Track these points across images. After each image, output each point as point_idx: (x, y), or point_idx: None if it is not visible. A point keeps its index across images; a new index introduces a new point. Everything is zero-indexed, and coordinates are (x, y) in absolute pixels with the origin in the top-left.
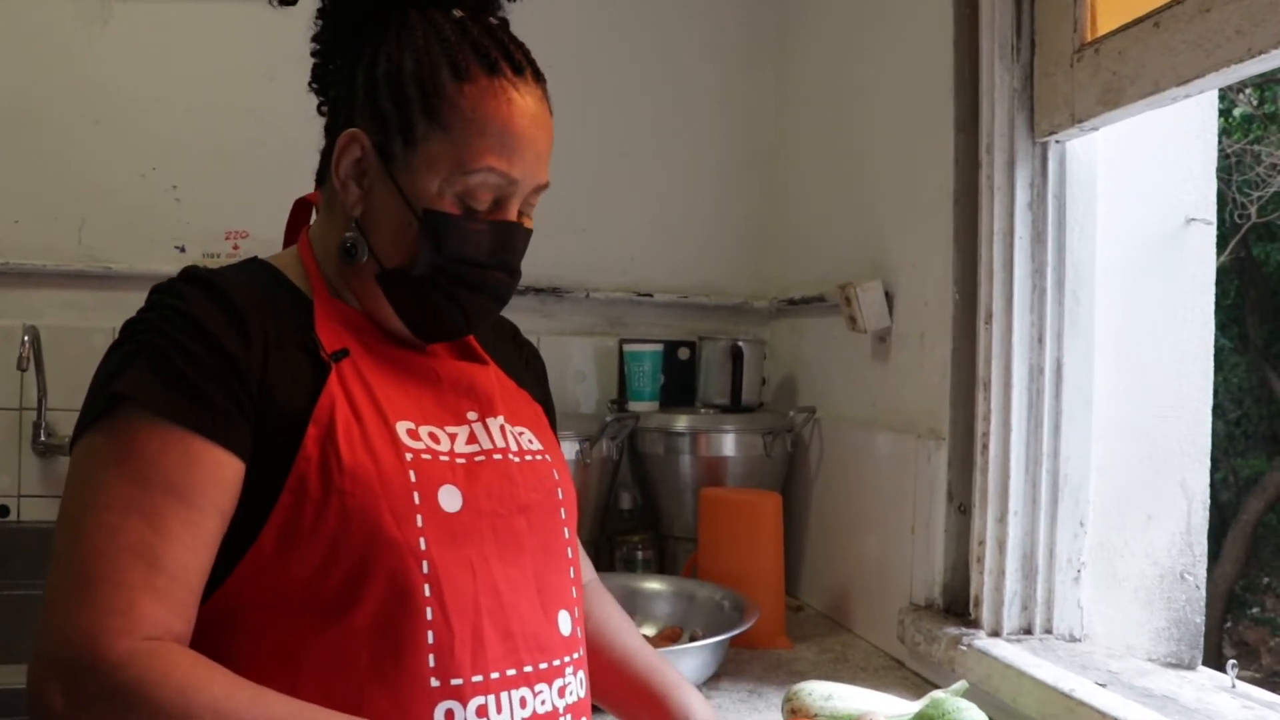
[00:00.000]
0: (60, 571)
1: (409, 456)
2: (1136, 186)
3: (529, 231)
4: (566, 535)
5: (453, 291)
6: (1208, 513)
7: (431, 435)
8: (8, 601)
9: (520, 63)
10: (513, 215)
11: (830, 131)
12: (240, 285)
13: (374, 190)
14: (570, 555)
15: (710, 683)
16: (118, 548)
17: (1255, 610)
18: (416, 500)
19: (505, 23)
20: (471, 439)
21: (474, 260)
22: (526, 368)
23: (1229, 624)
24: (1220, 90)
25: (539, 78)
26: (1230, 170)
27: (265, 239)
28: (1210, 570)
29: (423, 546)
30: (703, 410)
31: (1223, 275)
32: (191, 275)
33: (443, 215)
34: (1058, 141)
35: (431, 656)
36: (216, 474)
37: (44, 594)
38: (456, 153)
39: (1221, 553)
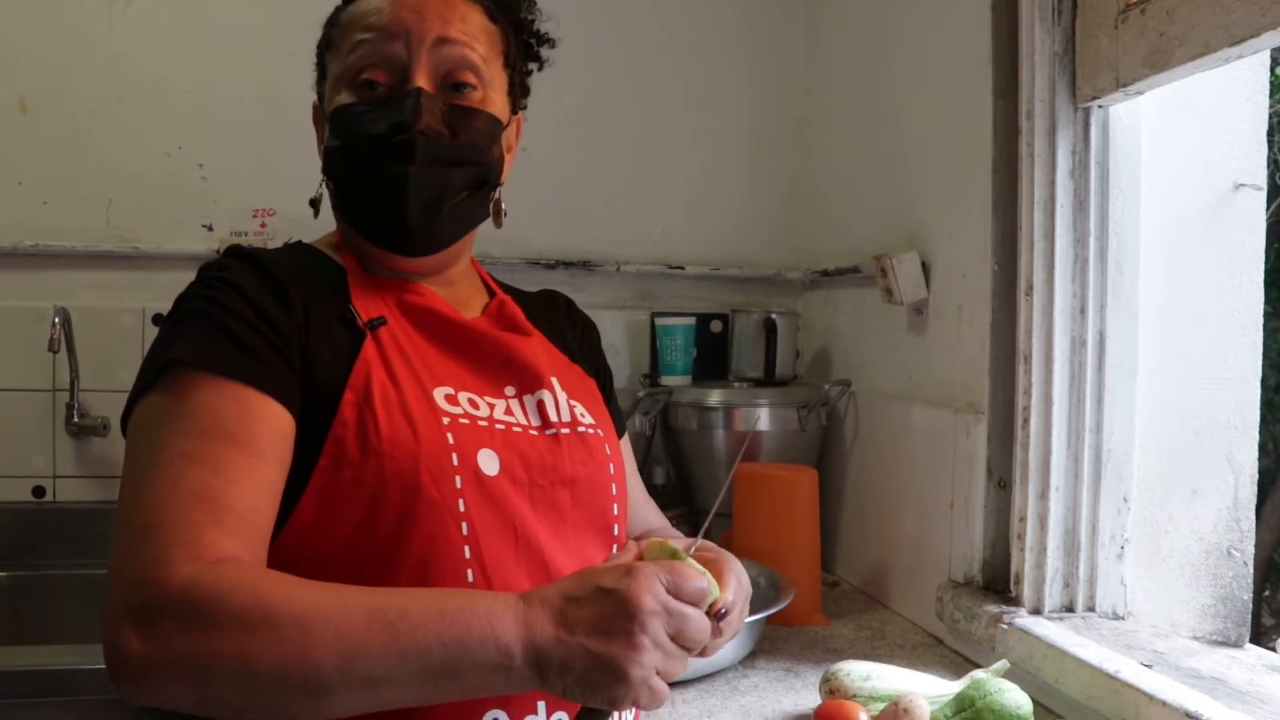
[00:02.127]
0: (123, 528)
1: (446, 420)
2: (1182, 151)
3: (459, 106)
4: (615, 511)
5: (361, 170)
6: (1255, 487)
7: (470, 401)
8: (45, 581)
9: None
10: (419, 83)
11: (863, 99)
12: (280, 260)
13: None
14: (616, 532)
15: (747, 661)
16: (180, 493)
17: None
18: (455, 461)
19: None
20: (508, 412)
21: (369, 133)
22: (582, 339)
23: (1267, 592)
24: None
25: None
26: (1272, 131)
27: (292, 216)
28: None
29: (462, 508)
30: (736, 384)
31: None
32: (234, 251)
33: (339, 107)
34: (1100, 106)
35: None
36: (274, 424)
37: (110, 560)
38: (340, 53)
39: (1260, 520)
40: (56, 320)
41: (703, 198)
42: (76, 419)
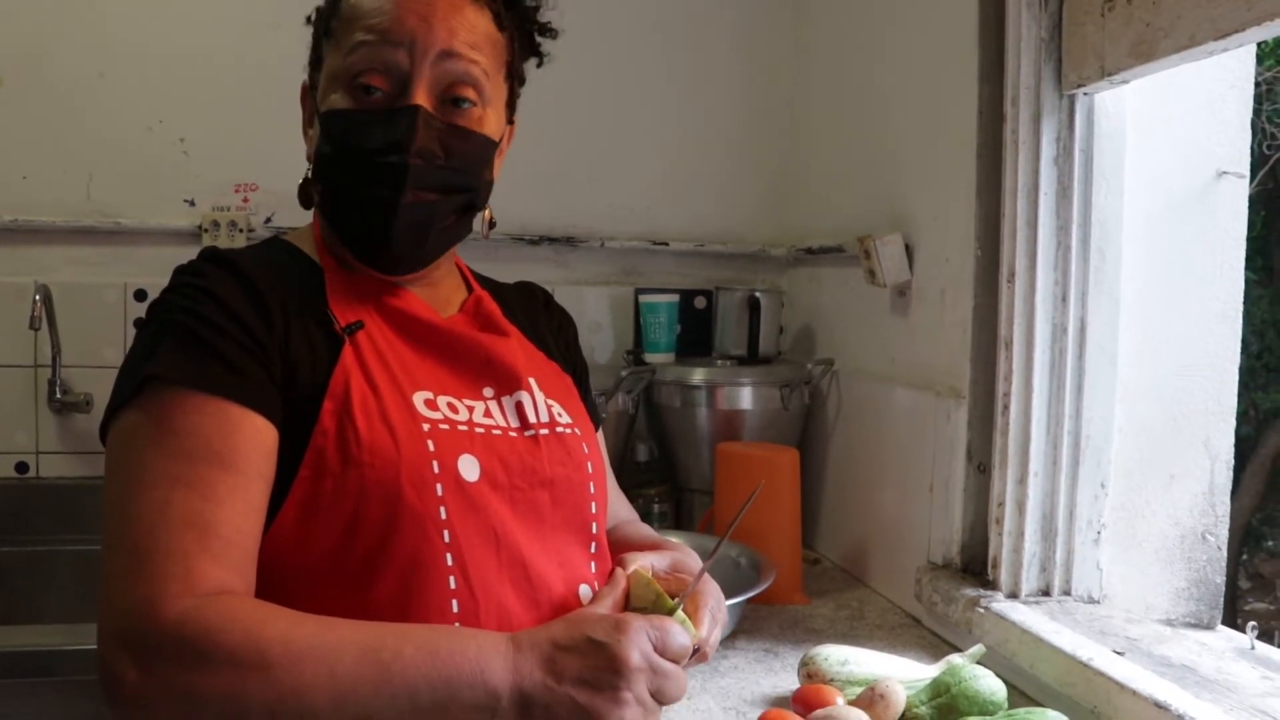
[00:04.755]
0: (113, 552)
1: (426, 427)
2: (1166, 139)
3: (456, 127)
4: (593, 510)
5: (349, 185)
6: (1231, 473)
7: (450, 405)
8: (30, 558)
9: None
10: (419, 99)
11: (850, 78)
12: (257, 263)
13: (314, 126)
14: (594, 531)
15: (727, 641)
16: (169, 520)
17: (1271, 544)
18: (436, 469)
19: None
20: (487, 414)
21: (361, 147)
22: (558, 334)
23: (1245, 557)
24: None
25: None
26: (1260, 99)
27: (274, 190)
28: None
29: (443, 516)
30: (719, 362)
31: (1250, 206)
32: (210, 254)
33: (333, 110)
34: (1086, 94)
35: (457, 625)
36: (256, 439)
37: (101, 577)
38: (340, 49)
39: (1240, 486)
40: (37, 297)
41: (688, 173)
42: (59, 395)
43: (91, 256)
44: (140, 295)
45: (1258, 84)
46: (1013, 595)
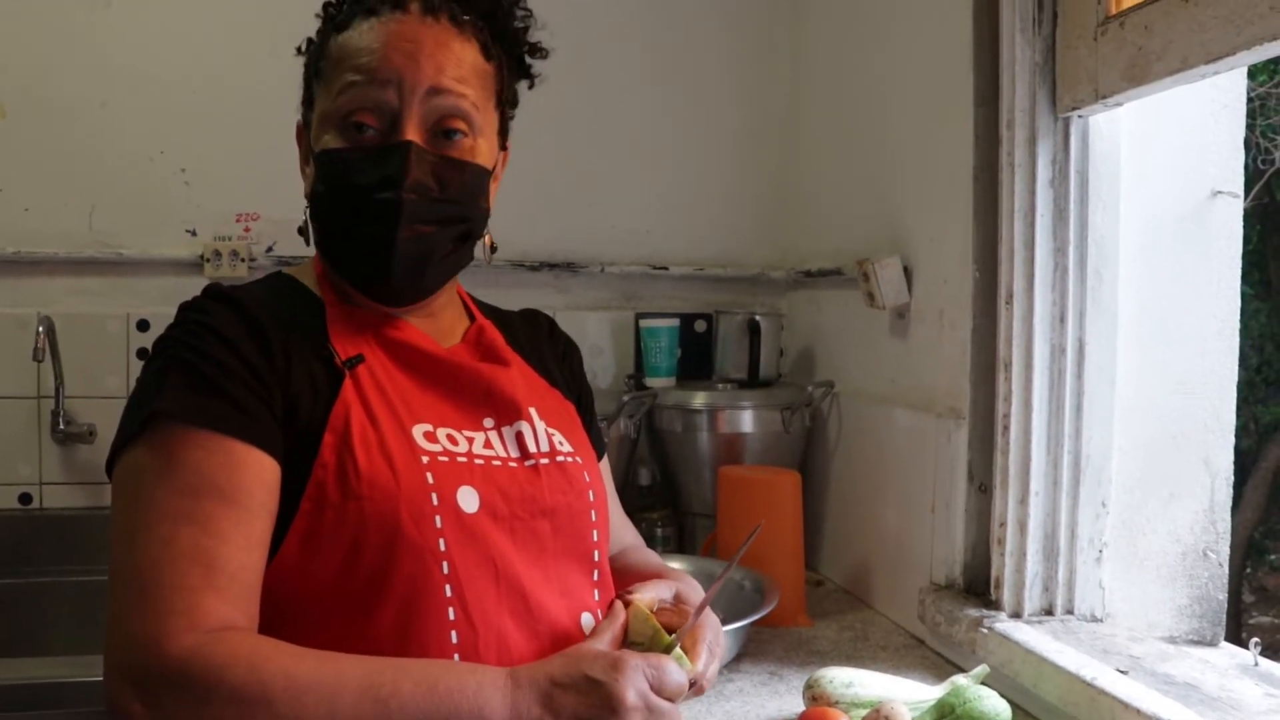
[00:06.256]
0: (120, 586)
1: (425, 459)
2: (1161, 159)
3: (449, 159)
4: (595, 538)
5: (346, 222)
6: (1231, 489)
7: (449, 437)
8: (34, 589)
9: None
10: (410, 134)
11: (847, 102)
12: (259, 299)
13: (310, 164)
14: (596, 559)
15: (731, 665)
16: (174, 555)
17: (1274, 558)
18: (435, 501)
19: None
20: (487, 445)
21: (355, 184)
22: (562, 362)
23: (1249, 570)
24: None
25: (432, 10)
26: (1254, 114)
27: (276, 220)
28: (1230, 516)
29: (442, 547)
30: (720, 386)
31: (1245, 220)
32: (213, 292)
33: (326, 150)
34: (1080, 116)
35: (456, 656)
36: (260, 476)
37: (107, 611)
38: (329, 90)
39: (1242, 499)
40: (40, 328)
41: (686, 197)
42: (62, 426)
43: (94, 287)
44: (143, 325)
45: (1250, 99)
46: (1016, 615)
